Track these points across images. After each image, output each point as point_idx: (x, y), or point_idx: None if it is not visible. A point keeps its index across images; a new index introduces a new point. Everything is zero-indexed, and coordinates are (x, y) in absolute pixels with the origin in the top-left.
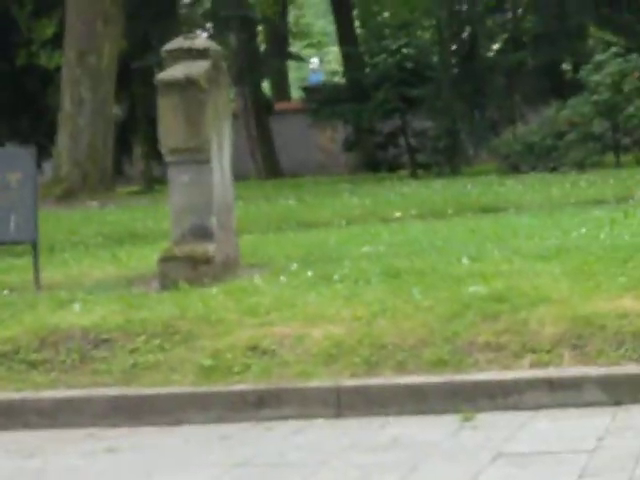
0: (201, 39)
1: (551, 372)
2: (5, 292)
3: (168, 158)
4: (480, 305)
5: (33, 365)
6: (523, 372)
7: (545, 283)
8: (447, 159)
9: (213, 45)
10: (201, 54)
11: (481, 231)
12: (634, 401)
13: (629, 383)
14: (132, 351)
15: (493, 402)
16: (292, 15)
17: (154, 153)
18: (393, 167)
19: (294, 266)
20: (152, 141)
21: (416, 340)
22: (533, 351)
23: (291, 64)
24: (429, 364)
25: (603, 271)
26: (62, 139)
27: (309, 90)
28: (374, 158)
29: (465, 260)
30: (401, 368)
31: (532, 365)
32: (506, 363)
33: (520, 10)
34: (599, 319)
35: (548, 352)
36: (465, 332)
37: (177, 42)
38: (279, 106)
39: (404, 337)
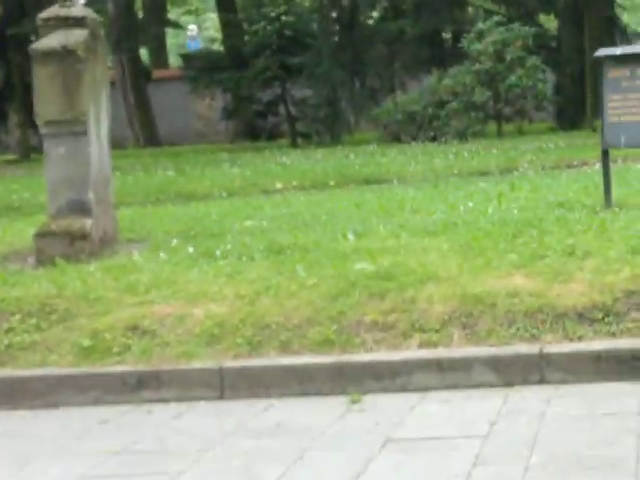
0: (78, 7)
1: (440, 352)
2: None
3: (43, 130)
4: (367, 283)
5: None
6: (411, 352)
7: (433, 260)
8: (327, 128)
9: (90, 13)
10: (78, 22)
11: (366, 204)
12: (525, 382)
13: (520, 363)
14: (7, 331)
15: (381, 383)
16: None
17: (31, 122)
18: (273, 136)
19: (174, 241)
20: (29, 109)
21: (301, 319)
22: (422, 330)
23: (169, 31)
24: (315, 344)
25: (492, 247)
26: None
27: (187, 58)
28: (253, 126)
29: (350, 236)
30: (285, 348)
31: (421, 345)
32: (394, 343)
33: None
34: (489, 297)
35: (437, 332)
36: (351, 311)
37: (53, 10)
38: (157, 74)
39: (288, 316)
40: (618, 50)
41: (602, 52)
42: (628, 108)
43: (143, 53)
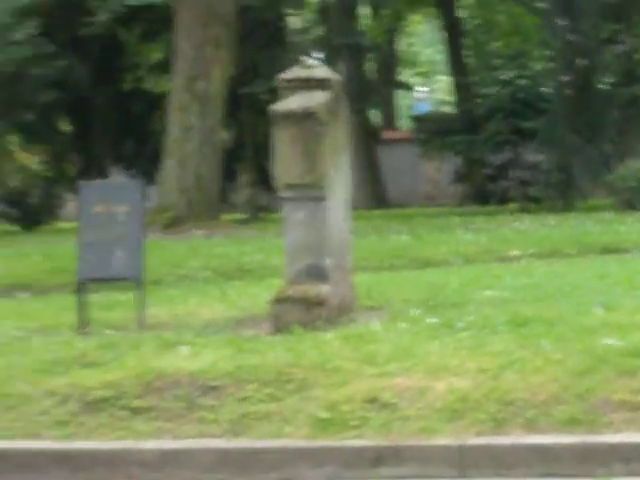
0: (321, 68)
1: None
2: (108, 331)
3: (283, 193)
4: (616, 360)
5: (136, 412)
6: None
7: None
8: (559, 194)
9: (333, 75)
10: (320, 84)
11: (610, 276)
12: None
13: None
14: (242, 400)
15: (629, 467)
16: (401, 43)
17: (260, 181)
18: (502, 200)
19: (414, 311)
20: (258, 169)
21: (546, 396)
22: None
23: (396, 92)
24: (560, 423)
25: None
26: (169, 166)
27: (419, 120)
28: (483, 190)
29: (597, 309)
30: (530, 427)
31: None
32: None
33: (632, 42)
34: None
35: None
36: (599, 389)
37: (294, 71)
38: (386, 135)
39: (533, 393)
40: None
41: None
42: None
43: (373, 114)
